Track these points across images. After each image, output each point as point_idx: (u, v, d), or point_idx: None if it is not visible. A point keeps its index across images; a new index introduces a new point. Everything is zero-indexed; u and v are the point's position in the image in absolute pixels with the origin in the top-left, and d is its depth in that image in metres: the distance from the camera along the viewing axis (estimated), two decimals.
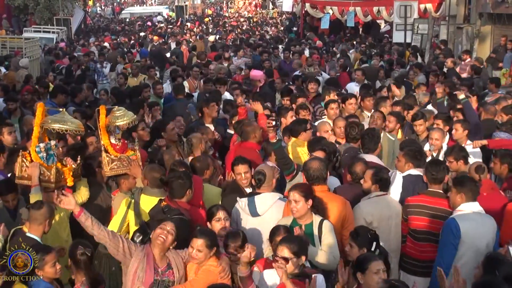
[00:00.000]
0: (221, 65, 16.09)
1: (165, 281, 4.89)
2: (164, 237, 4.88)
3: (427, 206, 5.83)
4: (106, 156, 6.12)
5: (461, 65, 15.72)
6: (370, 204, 5.88)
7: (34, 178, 5.78)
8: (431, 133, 7.85)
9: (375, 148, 7.09)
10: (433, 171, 5.95)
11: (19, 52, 18.98)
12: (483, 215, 5.56)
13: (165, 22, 41.11)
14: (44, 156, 5.94)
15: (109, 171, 6.16)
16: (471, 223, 5.46)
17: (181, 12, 47.19)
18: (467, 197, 5.55)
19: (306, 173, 5.85)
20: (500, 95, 11.27)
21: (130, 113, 6.31)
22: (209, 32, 33.14)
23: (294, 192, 5.33)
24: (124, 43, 25.84)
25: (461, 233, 5.40)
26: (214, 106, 8.92)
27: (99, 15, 53.75)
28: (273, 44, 24.36)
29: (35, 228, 5.30)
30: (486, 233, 5.48)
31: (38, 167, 5.81)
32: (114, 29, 38.02)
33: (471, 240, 5.42)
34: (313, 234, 5.29)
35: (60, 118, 6.07)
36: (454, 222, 5.47)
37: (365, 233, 4.99)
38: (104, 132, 6.21)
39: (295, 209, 5.31)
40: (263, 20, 46.32)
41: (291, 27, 34.30)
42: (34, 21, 32.94)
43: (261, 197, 5.85)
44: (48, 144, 6.04)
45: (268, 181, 5.95)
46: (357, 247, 4.92)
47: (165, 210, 5.40)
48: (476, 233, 5.44)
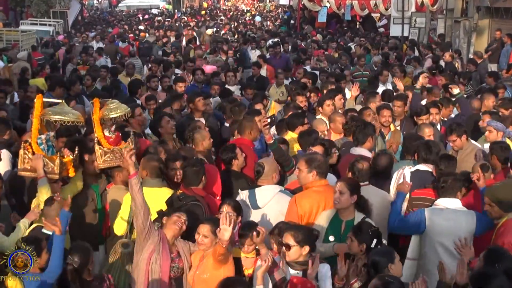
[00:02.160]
0: (218, 58, 16.09)
1: (176, 266, 5.03)
2: (180, 225, 5.03)
3: (431, 199, 5.84)
4: (99, 148, 6.10)
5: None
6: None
7: (39, 170, 5.76)
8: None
9: (363, 140, 6.97)
10: (443, 165, 6.00)
11: (16, 45, 18.92)
12: (458, 212, 5.52)
13: (163, 16, 40.89)
14: (45, 147, 5.94)
15: (102, 163, 6.13)
16: (439, 217, 5.46)
17: (178, 5, 47.07)
18: (446, 192, 5.59)
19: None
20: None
21: (124, 106, 6.34)
22: (205, 25, 33.01)
23: (342, 183, 5.37)
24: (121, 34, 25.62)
25: (426, 226, 5.43)
26: (199, 100, 8.87)
27: (96, 7, 53.52)
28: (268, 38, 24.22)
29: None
30: (455, 230, 5.39)
31: (42, 158, 5.80)
32: (113, 22, 37.85)
33: (432, 235, 5.43)
34: None
35: (60, 110, 6.09)
36: (423, 212, 5.52)
37: (367, 229, 4.96)
38: (98, 124, 6.20)
39: (337, 200, 5.33)
40: (260, 13, 46.21)
41: (289, 20, 34.25)
42: (31, 14, 32.81)
43: (261, 190, 5.87)
44: (48, 135, 6.04)
45: (267, 174, 5.96)
46: (357, 242, 4.90)
47: (181, 198, 5.58)
48: (440, 228, 5.42)
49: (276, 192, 5.87)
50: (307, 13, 30.43)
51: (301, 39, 23.72)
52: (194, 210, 5.51)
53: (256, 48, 19.07)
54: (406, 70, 13.56)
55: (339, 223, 5.35)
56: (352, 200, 5.33)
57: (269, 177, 5.99)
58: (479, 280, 4.10)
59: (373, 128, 7.24)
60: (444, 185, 5.60)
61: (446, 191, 5.60)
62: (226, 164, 6.59)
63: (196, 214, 5.49)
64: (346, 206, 5.34)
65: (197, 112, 8.88)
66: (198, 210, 5.57)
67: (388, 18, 24.43)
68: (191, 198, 5.61)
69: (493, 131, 7.48)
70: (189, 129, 7.51)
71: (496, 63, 16.67)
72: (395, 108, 8.71)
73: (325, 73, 13.23)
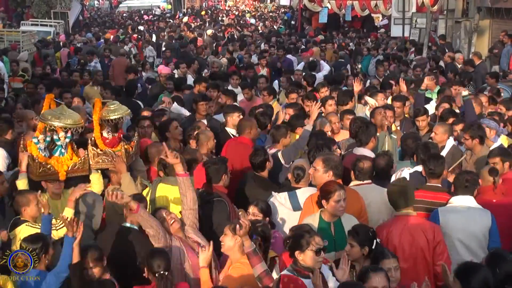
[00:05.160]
0: (216, 59, 16.06)
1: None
2: (174, 218, 5.19)
3: (424, 200, 5.82)
4: (92, 149, 6.16)
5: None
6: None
7: (22, 164, 5.94)
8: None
9: (366, 141, 6.97)
10: (431, 165, 5.96)
11: (16, 46, 18.93)
12: (472, 208, 5.56)
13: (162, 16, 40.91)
14: (42, 147, 5.96)
15: (95, 164, 6.19)
16: (455, 215, 5.49)
17: (178, 5, 47.09)
18: (460, 190, 5.63)
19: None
20: (500, 89, 11.27)
21: (124, 107, 6.35)
22: (205, 26, 33.00)
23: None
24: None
25: (440, 224, 5.42)
26: (202, 105, 8.88)
27: (97, 8, 53.59)
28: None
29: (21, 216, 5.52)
30: (470, 226, 5.45)
31: (27, 155, 5.91)
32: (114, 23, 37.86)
33: (449, 232, 5.44)
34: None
35: (59, 114, 6.07)
36: (436, 213, 5.56)
37: (365, 231, 4.91)
38: (97, 124, 6.23)
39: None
40: (261, 14, 46.22)
41: (289, 21, 34.24)
42: (31, 15, 32.82)
43: (302, 191, 5.90)
44: (55, 135, 6.03)
45: (306, 176, 5.98)
46: (358, 245, 4.83)
47: (203, 195, 5.68)
48: (456, 225, 5.45)
49: (314, 193, 5.80)
50: (308, 14, 30.40)
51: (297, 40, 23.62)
52: (219, 206, 5.64)
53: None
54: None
55: (327, 225, 5.29)
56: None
57: (307, 178, 6.01)
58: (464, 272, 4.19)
59: (375, 129, 7.25)
60: (458, 183, 5.64)
61: (461, 189, 5.63)
62: (257, 168, 6.49)
63: (221, 209, 5.66)
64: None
65: (198, 114, 8.90)
66: (222, 206, 5.70)
67: (389, 19, 24.44)
68: (213, 195, 5.73)
69: (486, 129, 7.49)
70: (189, 130, 7.53)
71: (497, 65, 16.66)
72: (394, 109, 8.68)
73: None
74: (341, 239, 5.14)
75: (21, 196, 5.58)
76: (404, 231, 5.21)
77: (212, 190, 5.83)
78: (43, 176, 5.93)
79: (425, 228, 5.26)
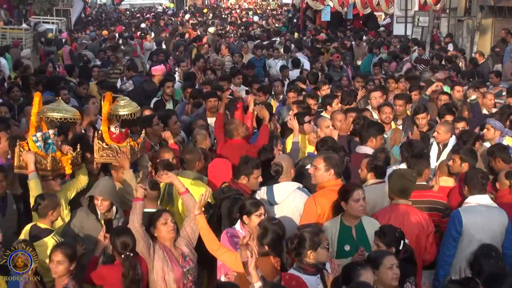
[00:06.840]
0: (217, 57, 16.03)
1: (188, 270, 5.12)
2: (173, 226, 5.10)
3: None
4: (97, 143, 6.18)
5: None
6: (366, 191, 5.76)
7: (30, 165, 5.81)
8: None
9: (367, 139, 7.04)
10: (412, 163, 6.05)
11: (18, 43, 18.94)
12: (490, 207, 5.61)
13: (164, 15, 40.85)
14: (41, 145, 5.96)
15: (99, 158, 6.23)
16: (475, 215, 5.52)
17: (181, 3, 47.05)
18: (474, 189, 5.66)
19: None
20: (501, 87, 11.28)
21: (134, 104, 6.37)
22: (208, 23, 32.96)
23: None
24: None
25: (463, 225, 5.47)
26: (211, 101, 8.87)
27: (99, 5, 53.53)
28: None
29: (43, 221, 5.42)
30: (490, 225, 5.51)
31: (34, 154, 5.84)
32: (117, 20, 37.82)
33: (473, 232, 5.46)
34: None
35: (55, 107, 6.12)
36: (457, 214, 5.57)
37: (392, 232, 4.85)
38: (105, 118, 6.26)
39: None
40: (263, 12, 46.17)
41: (291, 19, 34.17)
42: (34, 12, 32.81)
43: (279, 186, 5.95)
44: (47, 133, 6.07)
45: (286, 171, 6.03)
46: (385, 246, 4.76)
47: (224, 190, 5.82)
48: (478, 225, 5.48)
49: (294, 189, 5.91)
50: (311, 12, 30.34)
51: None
52: (236, 204, 5.69)
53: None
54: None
55: (349, 230, 5.24)
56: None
57: (288, 173, 6.06)
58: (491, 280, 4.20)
59: (378, 128, 7.26)
60: (473, 182, 5.65)
61: (476, 188, 5.65)
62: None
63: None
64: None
65: (208, 112, 8.91)
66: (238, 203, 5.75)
67: (391, 17, 24.38)
68: (234, 191, 5.83)
69: (490, 129, 7.50)
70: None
71: (499, 63, 16.64)
72: (397, 107, 8.68)
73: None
74: (364, 243, 5.11)
75: (51, 200, 5.50)
76: (404, 218, 5.35)
77: (234, 186, 5.92)
78: (57, 170, 5.94)
79: (421, 217, 5.44)
